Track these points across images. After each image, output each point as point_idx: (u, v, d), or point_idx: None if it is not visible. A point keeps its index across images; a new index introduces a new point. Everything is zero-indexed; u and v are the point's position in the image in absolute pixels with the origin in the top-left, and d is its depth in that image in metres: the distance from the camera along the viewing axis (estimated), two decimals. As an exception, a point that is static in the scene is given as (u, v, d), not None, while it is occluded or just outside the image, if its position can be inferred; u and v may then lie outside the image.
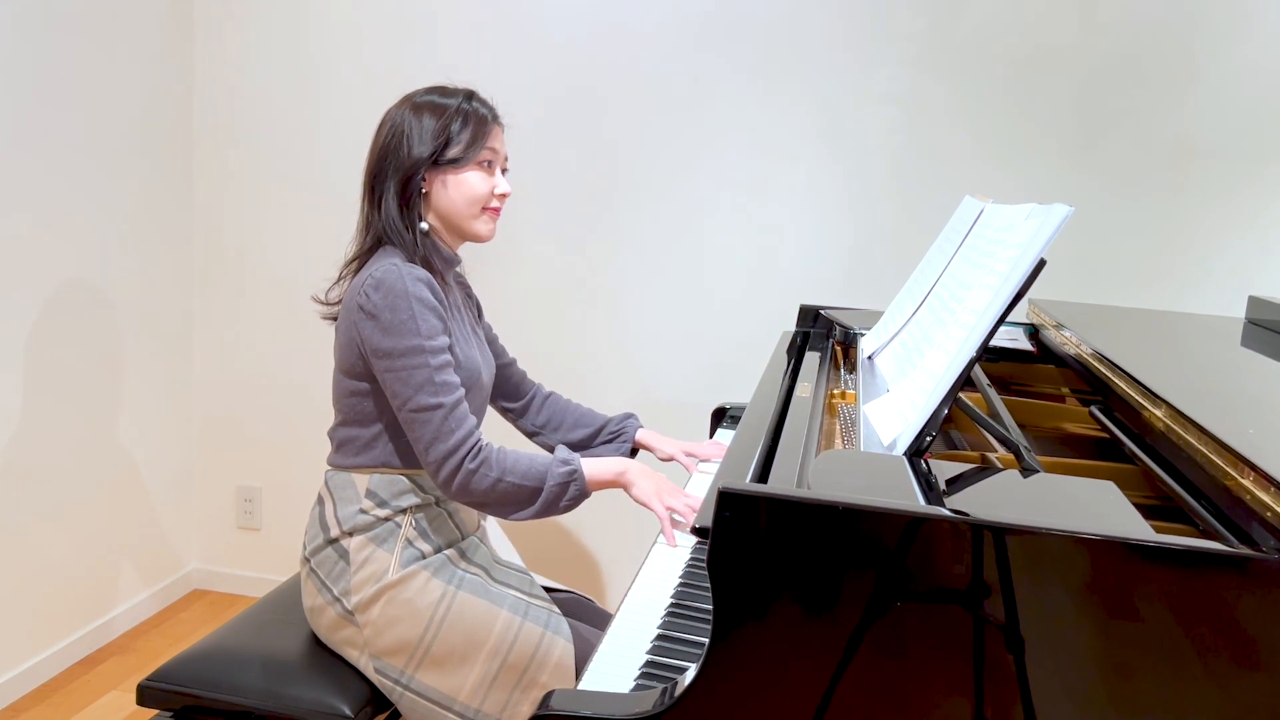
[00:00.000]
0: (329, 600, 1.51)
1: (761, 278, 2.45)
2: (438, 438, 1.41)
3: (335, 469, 1.56)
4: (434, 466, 1.43)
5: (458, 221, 1.54)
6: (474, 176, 1.52)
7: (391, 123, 1.52)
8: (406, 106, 1.53)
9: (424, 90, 1.55)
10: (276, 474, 2.80)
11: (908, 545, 0.85)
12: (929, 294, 1.51)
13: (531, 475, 1.45)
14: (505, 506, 1.46)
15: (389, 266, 1.44)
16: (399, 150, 1.50)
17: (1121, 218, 2.28)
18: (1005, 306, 1.06)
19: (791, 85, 2.37)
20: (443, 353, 1.43)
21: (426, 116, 1.50)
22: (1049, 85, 2.27)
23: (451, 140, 1.50)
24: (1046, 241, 1.05)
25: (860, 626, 0.86)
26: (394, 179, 1.50)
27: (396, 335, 1.41)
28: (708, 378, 2.50)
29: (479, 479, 1.42)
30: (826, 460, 1.07)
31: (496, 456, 1.44)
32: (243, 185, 2.68)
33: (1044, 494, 1.01)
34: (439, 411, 1.41)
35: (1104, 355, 1.41)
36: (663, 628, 1.17)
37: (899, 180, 2.36)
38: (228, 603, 2.80)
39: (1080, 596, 0.83)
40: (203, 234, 2.72)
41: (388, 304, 1.42)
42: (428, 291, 1.44)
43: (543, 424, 1.85)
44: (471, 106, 1.53)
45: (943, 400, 1.07)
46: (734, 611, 0.89)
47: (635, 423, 1.85)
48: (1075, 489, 1.00)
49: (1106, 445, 1.39)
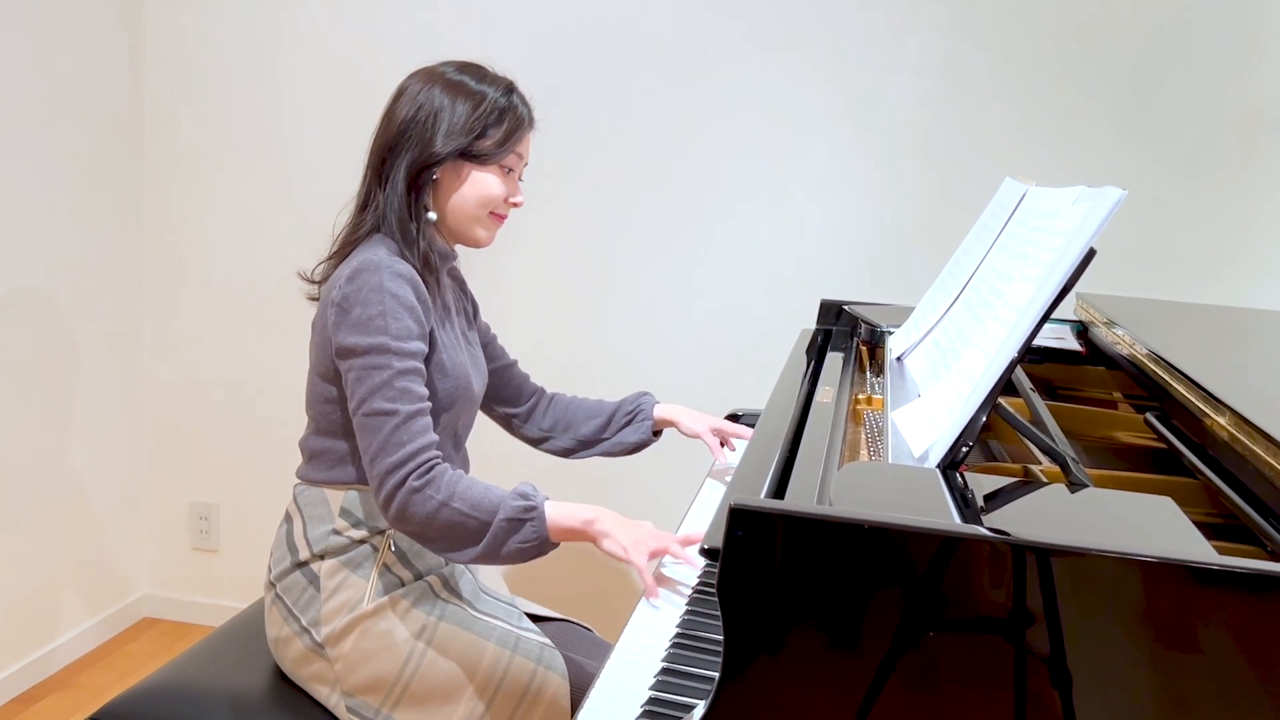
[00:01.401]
0: (296, 631, 1.51)
1: (778, 270, 2.45)
2: (385, 448, 1.38)
3: (306, 483, 1.56)
4: (376, 481, 1.39)
5: (460, 220, 1.55)
6: (492, 178, 1.53)
7: (416, 97, 1.51)
8: (437, 83, 1.51)
9: (457, 67, 1.54)
10: (236, 489, 2.81)
11: (941, 569, 0.85)
12: (965, 288, 1.51)
13: (482, 506, 1.37)
14: (448, 541, 1.39)
15: (370, 257, 1.44)
16: (424, 131, 1.49)
17: (1181, 201, 2.28)
18: (1050, 302, 1.06)
19: (812, 54, 2.37)
20: (411, 358, 1.42)
21: (461, 102, 1.50)
22: (1100, 53, 2.27)
23: (484, 135, 1.50)
24: (1097, 229, 1.05)
25: (888, 660, 0.86)
26: (408, 159, 1.50)
27: (363, 331, 1.41)
28: (718, 381, 2.50)
29: (421, 501, 1.37)
30: (850, 473, 1.06)
31: (448, 479, 1.38)
32: (198, 166, 2.68)
33: (1093, 511, 1.00)
34: (392, 419, 1.39)
35: (1160, 356, 1.41)
36: (667, 660, 1.17)
37: (932, 161, 2.36)
38: (181, 632, 2.81)
39: (1134, 626, 0.83)
40: (153, 221, 2.73)
41: (360, 298, 1.42)
42: (408, 290, 1.43)
43: (550, 427, 1.85)
44: (511, 102, 1.53)
45: (980, 406, 1.07)
46: (746, 642, 0.89)
47: (651, 399, 1.85)
48: (1128, 505, 1.00)
49: (1163, 456, 1.39)
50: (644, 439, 1.85)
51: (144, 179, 2.70)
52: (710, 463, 1.88)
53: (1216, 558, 0.84)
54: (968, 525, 0.88)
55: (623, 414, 1.84)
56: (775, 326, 2.44)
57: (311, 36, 2.58)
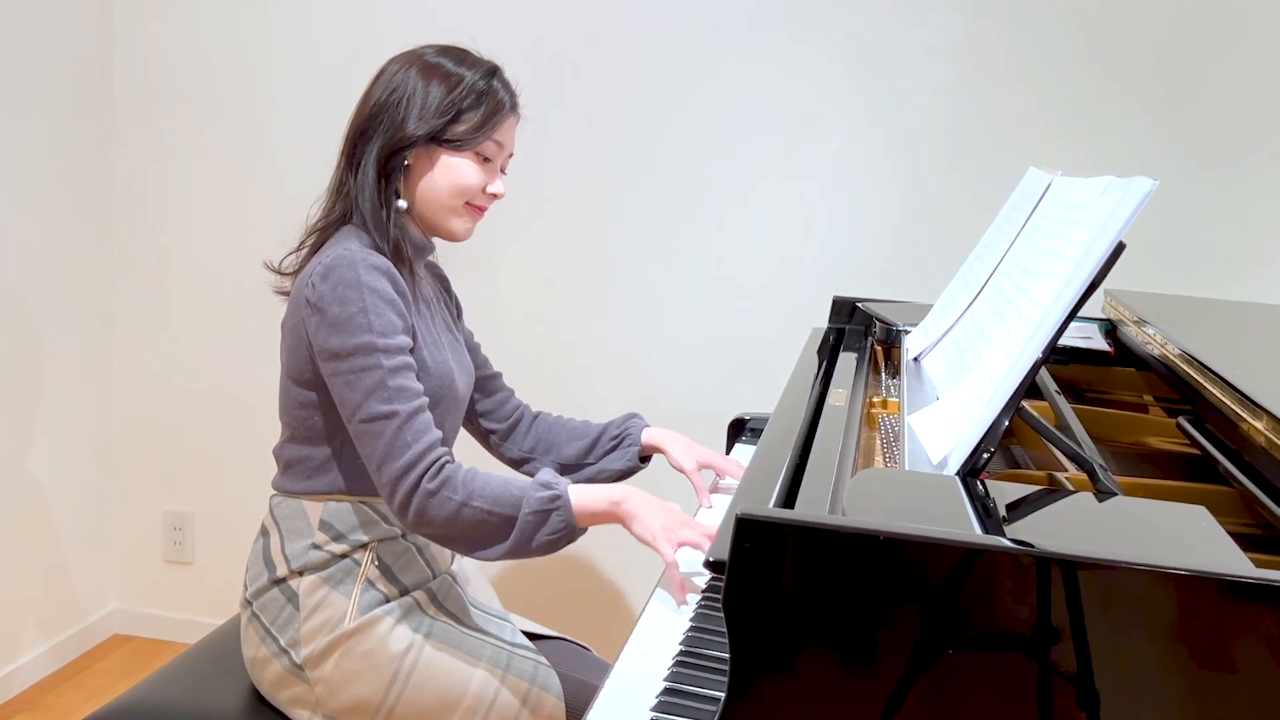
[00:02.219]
0: (274, 651, 1.51)
1: (787, 265, 2.45)
2: (390, 453, 1.39)
3: (282, 495, 1.56)
4: (387, 488, 1.41)
5: (434, 211, 1.55)
6: (468, 165, 1.53)
7: (392, 79, 1.52)
8: (415, 65, 1.52)
9: (438, 50, 1.55)
10: (212, 497, 2.81)
11: (961, 583, 0.85)
12: (986, 284, 1.52)
13: (504, 501, 1.39)
14: (472, 541, 1.42)
15: (341, 252, 1.44)
16: (394, 114, 1.50)
17: (1214, 192, 2.28)
18: (1077, 299, 1.06)
19: (822, 35, 2.38)
20: (400, 354, 1.43)
21: (436, 84, 1.50)
22: (1129, 33, 2.27)
23: (458, 119, 1.51)
24: (1126, 221, 1.05)
25: (904, 680, 0.86)
26: (379, 144, 1.51)
27: (345, 332, 1.41)
28: (723, 383, 2.50)
29: (439, 503, 1.38)
30: (864, 481, 1.07)
31: (464, 477, 1.40)
32: (172, 159, 2.68)
33: (1123, 521, 1.00)
34: (392, 421, 1.40)
35: (1194, 357, 1.41)
36: (670, 680, 1.17)
37: (950, 148, 2.36)
38: (154, 650, 2.81)
39: (1166, 644, 0.83)
40: (124, 216, 2.73)
41: (336, 296, 1.42)
42: (386, 283, 1.44)
43: (531, 448, 1.83)
44: (490, 85, 1.53)
45: (1003, 410, 1.07)
46: (754, 661, 0.89)
47: (640, 422, 1.83)
48: (1160, 515, 1.00)
49: (1197, 463, 1.39)
50: (631, 466, 1.81)
51: (114, 174, 2.71)
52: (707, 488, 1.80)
53: (1254, 570, 0.84)
54: (989, 536, 0.88)
55: (608, 438, 1.81)
56: (785, 325, 2.44)
57: (293, 19, 2.58)
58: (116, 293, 2.76)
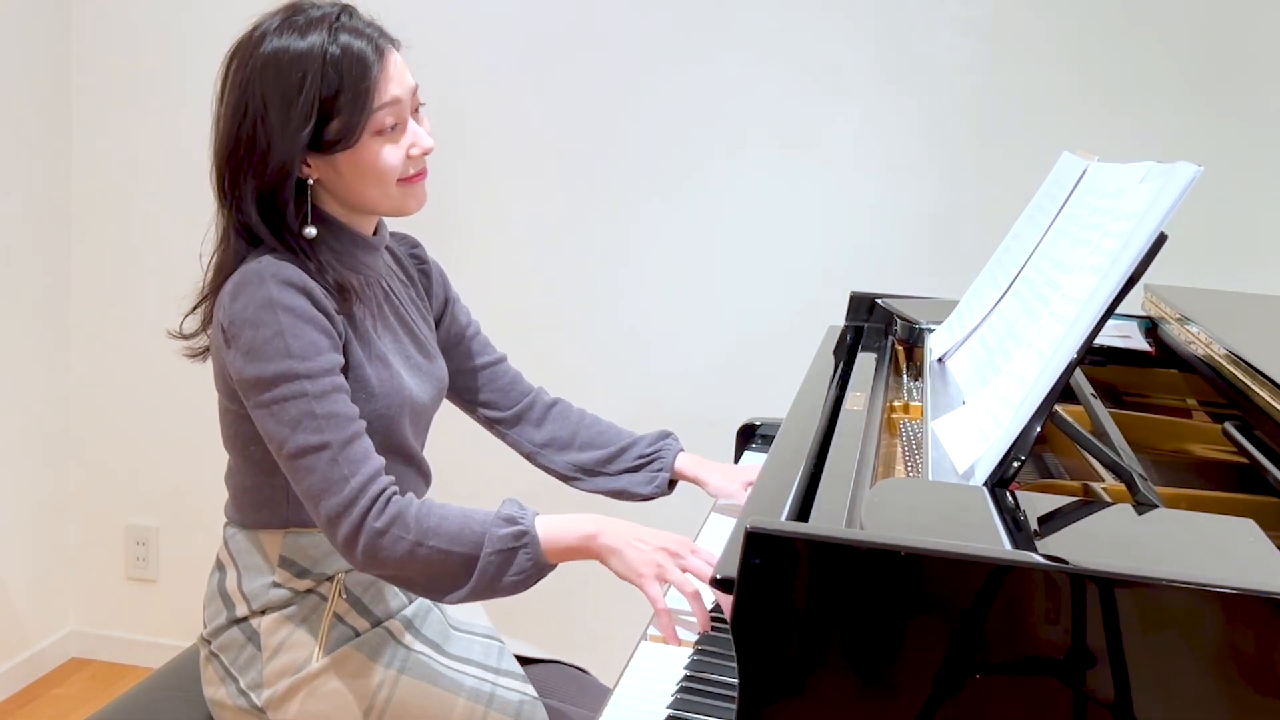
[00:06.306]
0: (234, 693, 1.49)
1: (801, 257, 2.45)
2: (327, 489, 1.33)
3: (236, 526, 1.54)
4: (328, 528, 1.35)
5: (370, 205, 1.47)
6: (373, 151, 1.41)
7: (238, 98, 1.39)
8: (254, 64, 1.38)
9: (276, 24, 1.40)
10: (177, 511, 2.80)
11: (989, 601, 0.85)
12: (1016, 278, 1.52)
13: (463, 539, 1.33)
14: (429, 582, 1.35)
15: (251, 268, 1.38)
16: (254, 143, 1.37)
17: (1262, 179, 2.28)
18: (1114, 295, 1.06)
19: (842, 8, 2.37)
20: (326, 375, 1.36)
21: (283, 82, 1.36)
22: (1171, 8, 2.27)
23: (328, 114, 1.37)
24: (1168, 211, 1.05)
25: (928, 707, 0.86)
26: (253, 184, 1.39)
27: (261, 359, 1.35)
28: (732, 385, 2.50)
29: (390, 543, 1.32)
30: (884, 491, 1.07)
31: (417, 513, 1.33)
32: (134, 143, 2.69)
33: (1164, 535, 1.00)
34: (324, 453, 1.34)
35: (1241, 357, 1.41)
36: (674, 708, 1.17)
37: (979, 132, 2.36)
38: (115, 674, 2.81)
39: (1211, 666, 0.83)
40: (82, 203, 2.73)
41: (248, 318, 1.36)
42: (302, 299, 1.36)
43: (544, 441, 1.74)
44: (340, 47, 1.37)
45: (1034, 415, 1.07)
46: (765, 687, 0.89)
47: (675, 445, 1.73)
48: (1204, 528, 1.00)
49: (1245, 472, 1.39)
50: (657, 492, 1.73)
51: (72, 155, 2.70)
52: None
53: (1306, 589, 0.84)
54: (1020, 552, 0.88)
55: (635, 454, 1.72)
56: (797, 322, 2.43)
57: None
58: (73, 286, 2.76)
